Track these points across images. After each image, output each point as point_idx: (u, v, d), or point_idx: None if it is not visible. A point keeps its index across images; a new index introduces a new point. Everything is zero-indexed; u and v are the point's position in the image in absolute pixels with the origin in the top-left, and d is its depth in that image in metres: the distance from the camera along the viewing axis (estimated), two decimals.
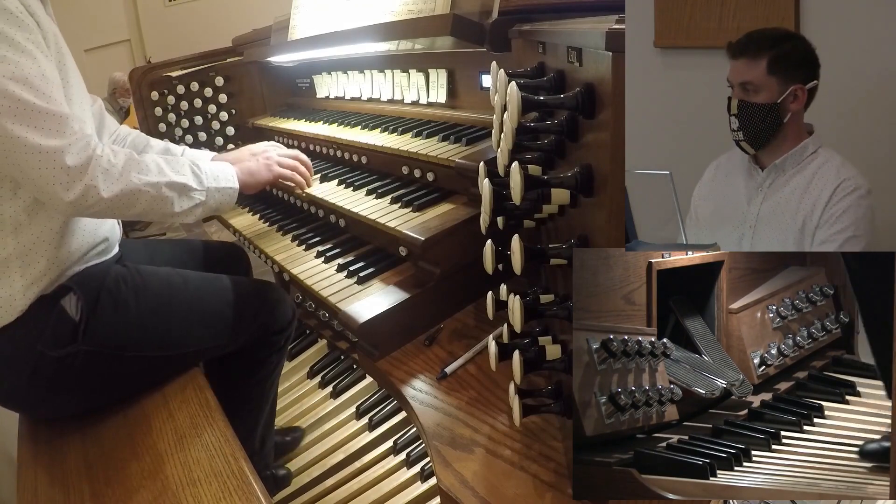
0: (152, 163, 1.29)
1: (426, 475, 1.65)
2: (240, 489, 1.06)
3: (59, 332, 1.24)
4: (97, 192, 1.17)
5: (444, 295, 1.31)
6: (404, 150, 1.55)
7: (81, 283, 1.27)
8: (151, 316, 1.34)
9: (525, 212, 0.94)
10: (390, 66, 1.96)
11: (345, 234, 1.65)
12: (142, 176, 1.25)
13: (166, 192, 1.29)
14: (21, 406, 1.38)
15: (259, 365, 1.58)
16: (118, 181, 1.21)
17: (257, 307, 1.51)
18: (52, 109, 1.13)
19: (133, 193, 1.23)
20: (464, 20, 1.34)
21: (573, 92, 0.80)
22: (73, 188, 1.15)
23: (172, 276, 1.44)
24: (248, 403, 1.60)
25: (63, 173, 1.13)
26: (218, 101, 2.54)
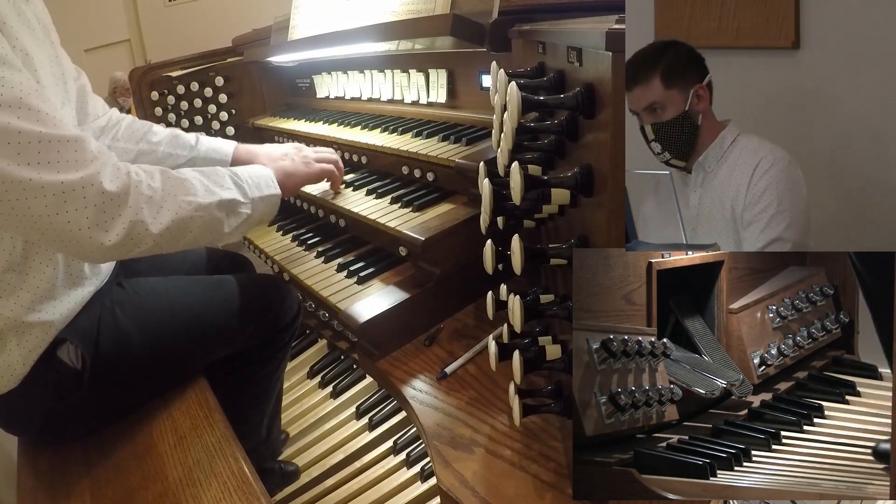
0: (194, 179, 1.10)
1: (426, 475, 1.65)
2: (240, 489, 1.06)
3: (60, 385, 1.16)
4: (144, 227, 0.97)
5: (444, 295, 1.31)
6: (404, 150, 1.55)
7: (75, 330, 1.15)
8: (156, 339, 1.26)
9: (525, 212, 0.94)
10: (390, 66, 1.96)
11: (345, 234, 1.65)
12: (190, 198, 1.05)
13: (217, 214, 1.10)
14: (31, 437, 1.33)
15: (265, 361, 1.56)
16: (166, 210, 1.00)
17: (262, 309, 1.48)
18: (62, 135, 0.89)
19: (185, 223, 1.04)
20: (464, 20, 1.34)
21: (573, 92, 0.80)
22: (114, 227, 0.93)
23: (172, 290, 1.36)
24: (256, 397, 1.58)
25: (98, 210, 0.92)
26: (218, 101, 2.54)
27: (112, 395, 1.26)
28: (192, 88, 2.50)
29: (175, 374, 1.38)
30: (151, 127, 1.56)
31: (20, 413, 1.21)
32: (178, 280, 1.46)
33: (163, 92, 2.48)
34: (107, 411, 1.30)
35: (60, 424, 1.24)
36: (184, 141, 1.56)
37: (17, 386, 1.14)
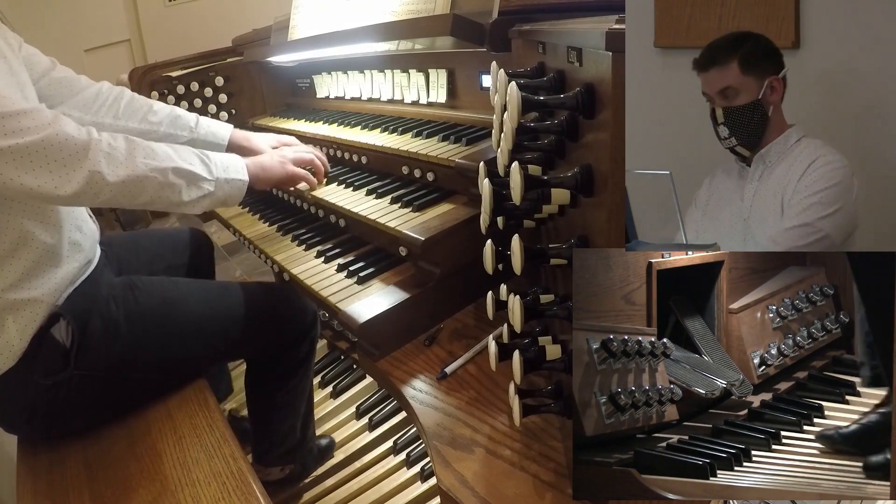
0: (157, 147, 1.22)
1: (426, 475, 1.65)
2: (239, 489, 1.06)
3: (50, 360, 1.21)
4: (102, 178, 1.10)
5: (444, 295, 1.31)
6: (404, 150, 1.55)
7: (72, 308, 1.23)
8: (145, 337, 1.30)
9: (525, 212, 0.94)
10: (390, 66, 1.96)
11: (345, 234, 1.65)
12: (148, 161, 1.18)
13: (174, 179, 1.22)
14: (24, 434, 1.36)
15: (287, 377, 1.57)
16: (123, 165, 1.13)
17: (268, 319, 1.48)
18: (17, 109, 1.03)
19: (140, 181, 1.16)
20: (464, 20, 1.34)
21: (573, 92, 0.80)
22: (75, 177, 1.07)
23: (170, 291, 1.39)
24: (284, 409, 1.59)
25: (59, 165, 1.06)
26: (218, 101, 2.55)
27: (99, 387, 1.27)
28: (192, 88, 2.50)
29: (165, 373, 1.38)
30: (152, 105, 1.62)
31: (12, 400, 1.23)
32: (181, 282, 1.47)
33: (163, 92, 2.48)
34: (96, 405, 1.30)
35: (50, 417, 1.25)
36: (184, 122, 1.64)
37: (14, 365, 1.19)
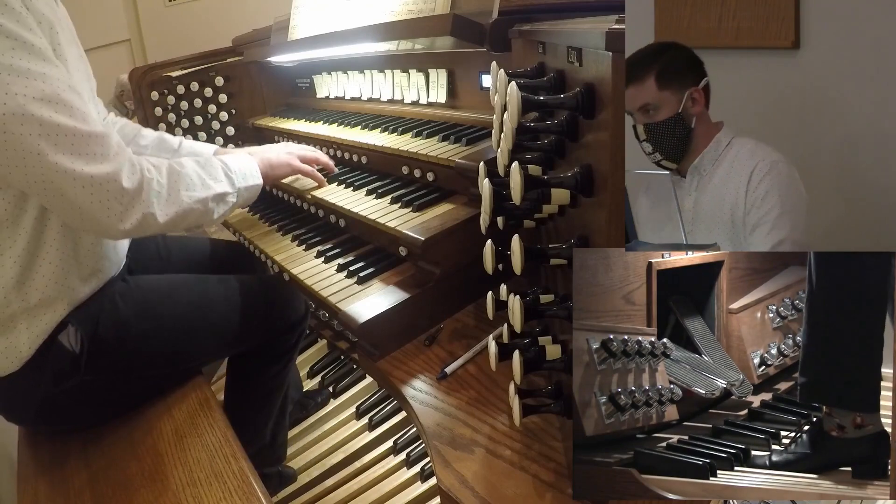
0: (193, 174, 1.25)
1: (426, 475, 1.66)
2: (240, 489, 1.06)
3: (59, 368, 1.20)
4: (154, 218, 1.13)
5: (444, 295, 1.31)
6: (404, 150, 1.55)
7: (78, 315, 1.22)
8: (154, 332, 1.30)
9: (525, 212, 0.94)
10: (390, 66, 1.96)
11: (345, 234, 1.65)
12: (190, 193, 1.22)
13: (211, 206, 1.27)
14: (28, 426, 1.36)
15: (269, 363, 1.57)
16: (171, 203, 1.17)
17: (265, 309, 1.49)
18: (91, 131, 1.03)
19: (185, 213, 1.20)
20: (464, 20, 1.34)
21: (573, 92, 0.80)
22: (130, 217, 1.09)
23: (175, 285, 1.40)
24: (260, 400, 1.59)
25: (117, 203, 1.07)
26: (218, 101, 2.54)
27: (108, 385, 1.27)
28: (192, 88, 2.50)
29: (173, 369, 1.38)
30: (140, 130, 1.73)
31: (17, 398, 1.23)
32: (181, 277, 1.49)
33: (163, 92, 2.48)
34: (103, 402, 1.31)
35: (57, 411, 1.25)
36: (168, 144, 1.72)
37: (19, 369, 1.18)
